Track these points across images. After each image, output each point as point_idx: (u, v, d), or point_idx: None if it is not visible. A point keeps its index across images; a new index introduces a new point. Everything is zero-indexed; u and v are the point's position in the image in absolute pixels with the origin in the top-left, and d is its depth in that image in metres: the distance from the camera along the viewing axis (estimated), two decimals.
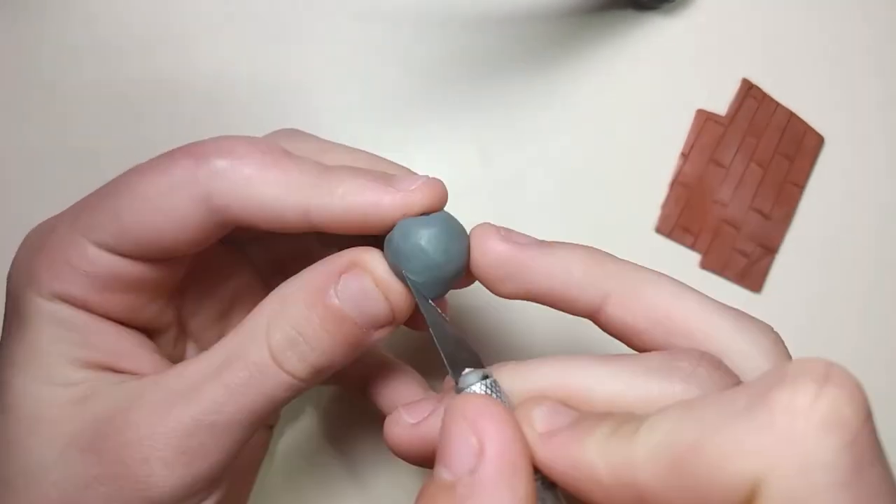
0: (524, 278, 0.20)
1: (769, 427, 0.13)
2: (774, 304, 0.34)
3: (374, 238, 0.21)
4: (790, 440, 0.13)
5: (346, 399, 0.32)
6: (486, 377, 0.18)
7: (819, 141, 0.35)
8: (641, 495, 0.15)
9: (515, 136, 0.34)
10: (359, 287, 0.20)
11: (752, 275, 0.34)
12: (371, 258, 0.20)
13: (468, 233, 0.21)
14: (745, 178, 0.34)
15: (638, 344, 0.20)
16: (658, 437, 0.15)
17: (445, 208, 0.21)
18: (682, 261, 0.34)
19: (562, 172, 0.34)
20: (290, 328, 0.20)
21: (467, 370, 0.18)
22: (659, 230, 0.34)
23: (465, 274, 0.21)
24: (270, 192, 0.20)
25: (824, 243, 0.35)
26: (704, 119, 0.34)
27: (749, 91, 0.35)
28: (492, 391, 0.18)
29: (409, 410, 0.20)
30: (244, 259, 0.26)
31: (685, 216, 0.34)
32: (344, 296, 0.20)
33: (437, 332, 0.19)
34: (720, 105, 0.35)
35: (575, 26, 0.34)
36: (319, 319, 0.19)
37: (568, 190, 0.34)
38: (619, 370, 0.18)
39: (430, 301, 0.20)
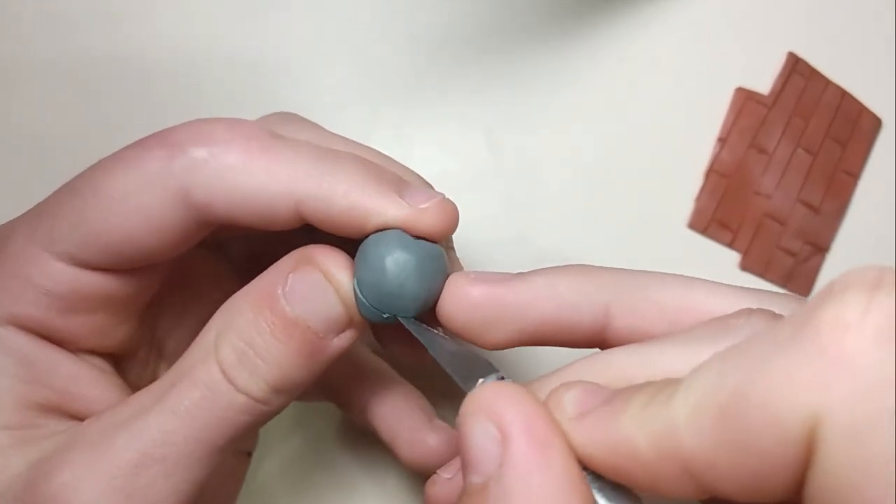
0: (510, 317, 0.19)
1: (818, 351, 0.12)
2: None
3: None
4: (843, 361, 0.12)
5: (333, 415, 0.31)
6: (503, 378, 0.17)
7: (876, 123, 0.34)
8: (687, 464, 0.14)
9: (527, 119, 0.33)
10: (308, 286, 0.19)
11: (799, 277, 0.33)
12: (322, 254, 0.19)
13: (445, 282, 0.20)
14: (790, 165, 0.33)
15: None
16: (698, 392, 0.14)
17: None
18: (719, 261, 0.33)
19: (580, 161, 0.33)
20: (239, 340, 0.19)
21: (481, 380, 0.17)
22: (692, 226, 0.33)
23: (415, 315, 0.20)
24: (258, 183, 0.19)
25: (881, 240, 0.34)
26: (744, 98, 0.33)
27: (795, 66, 0.34)
28: None
29: (445, 468, 0.20)
30: (223, 262, 0.25)
31: (722, 210, 0.33)
32: (293, 297, 0.19)
33: (435, 352, 0.19)
34: (762, 83, 0.34)
35: None
36: (269, 327, 0.19)
37: (587, 181, 0.33)
38: (663, 347, 0.17)
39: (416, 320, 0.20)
